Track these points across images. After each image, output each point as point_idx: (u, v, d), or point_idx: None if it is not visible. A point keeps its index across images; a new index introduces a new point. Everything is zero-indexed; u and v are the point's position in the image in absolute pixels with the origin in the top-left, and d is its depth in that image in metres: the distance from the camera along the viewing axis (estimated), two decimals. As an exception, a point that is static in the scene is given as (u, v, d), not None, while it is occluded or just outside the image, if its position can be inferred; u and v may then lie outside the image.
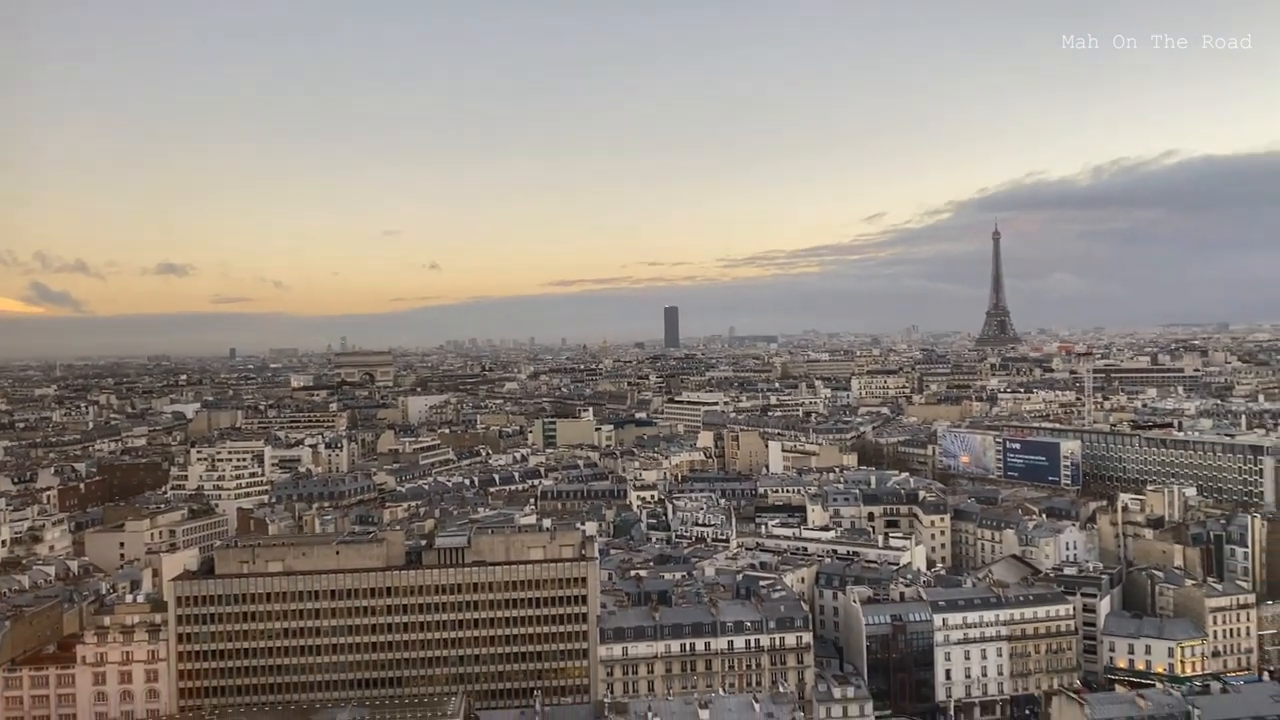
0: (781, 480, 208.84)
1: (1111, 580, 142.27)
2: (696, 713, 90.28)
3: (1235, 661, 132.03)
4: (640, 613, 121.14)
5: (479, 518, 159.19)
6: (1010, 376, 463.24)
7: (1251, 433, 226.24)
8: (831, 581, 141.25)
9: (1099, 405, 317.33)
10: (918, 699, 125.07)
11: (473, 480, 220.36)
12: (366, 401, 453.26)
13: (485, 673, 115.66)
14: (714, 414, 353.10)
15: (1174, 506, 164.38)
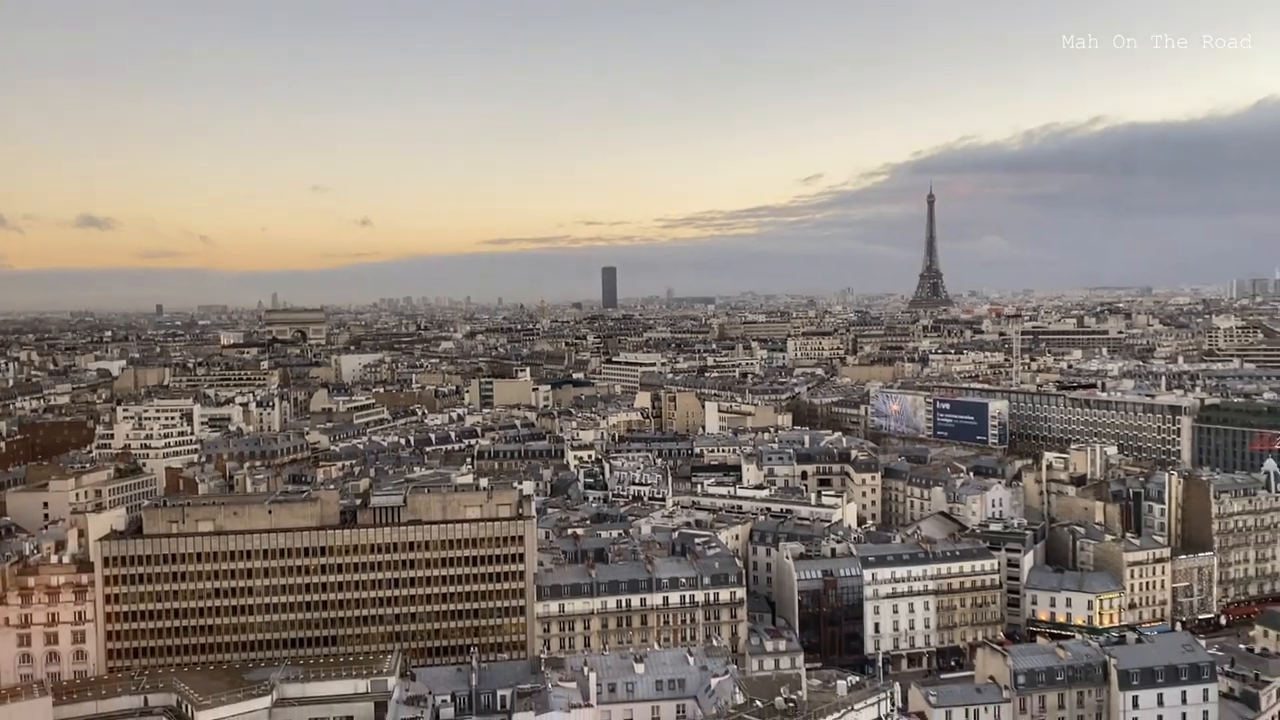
0: (717, 440, 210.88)
1: (1035, 536, 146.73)
2: (632, 666, 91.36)
3: (1150, 613, 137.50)
4: (577, 570, 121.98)
5: (415, 477, 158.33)
6: (941, 338, 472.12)
7: (1170, 393, 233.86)
8: (765, 538, 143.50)
9: (1026, 366, 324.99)
10: (847, 651, 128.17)
11: (408, 440, 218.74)
12: (298, 360, 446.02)
13: (422, 630, 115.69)
14: (651, 375, 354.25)
15: (1096, 465, 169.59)
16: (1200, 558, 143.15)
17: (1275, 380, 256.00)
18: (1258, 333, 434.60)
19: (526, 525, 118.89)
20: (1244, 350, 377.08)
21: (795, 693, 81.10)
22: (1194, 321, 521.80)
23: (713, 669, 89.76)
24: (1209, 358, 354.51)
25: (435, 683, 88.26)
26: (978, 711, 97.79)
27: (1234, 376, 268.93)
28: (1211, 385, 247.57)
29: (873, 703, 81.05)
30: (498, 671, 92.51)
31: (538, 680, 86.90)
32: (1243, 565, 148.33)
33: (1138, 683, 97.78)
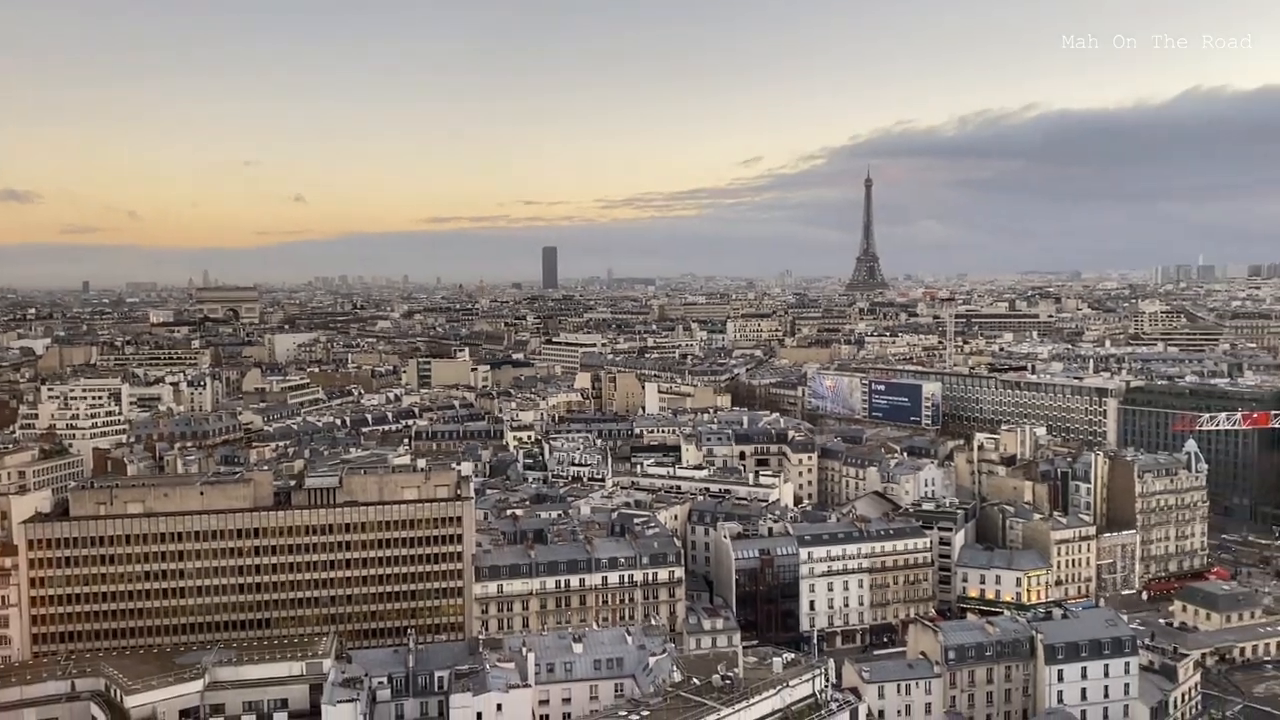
0: (657, 421, 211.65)
1: (966, 515, 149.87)
2: (570, 646, 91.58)
3: (1076, 589, 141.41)
4: (516, 551, 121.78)
5: (351, 458, 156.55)
6: (877, 321, 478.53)
7: (1098, 376, 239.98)
8: (704, 518, 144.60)
9: (959, 349, 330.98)
10: (783, 629, 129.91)
11: (344, 420, 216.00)
12: (231, 339, 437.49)
13: (358, 612, 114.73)
14: (592, 355, 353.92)
15: (1025, 445, 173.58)
16: (1124, 535, 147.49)
17: (1197, 364, 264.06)
18: (1181, 317, 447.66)
19: (465, 506, 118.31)
20: (1168, 334, 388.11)
21: (732, 670, 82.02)
22: (1121, 306, 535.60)
23: (651, 648, 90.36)
24: (1135, 341, 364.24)
25: (372, 664, 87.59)
26: (909, 686, 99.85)
27: (1158, 360, 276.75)
28: (1137, 368, 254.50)
29: (807, 679, 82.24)
30: (435, 653, 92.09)
31: (475, 661, 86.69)
32: (1164, 543, 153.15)
33: (1063, 657, 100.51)
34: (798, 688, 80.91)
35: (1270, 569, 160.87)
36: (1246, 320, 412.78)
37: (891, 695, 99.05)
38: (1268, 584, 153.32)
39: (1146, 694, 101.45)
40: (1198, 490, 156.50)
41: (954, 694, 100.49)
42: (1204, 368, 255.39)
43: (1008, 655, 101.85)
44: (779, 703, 78.84)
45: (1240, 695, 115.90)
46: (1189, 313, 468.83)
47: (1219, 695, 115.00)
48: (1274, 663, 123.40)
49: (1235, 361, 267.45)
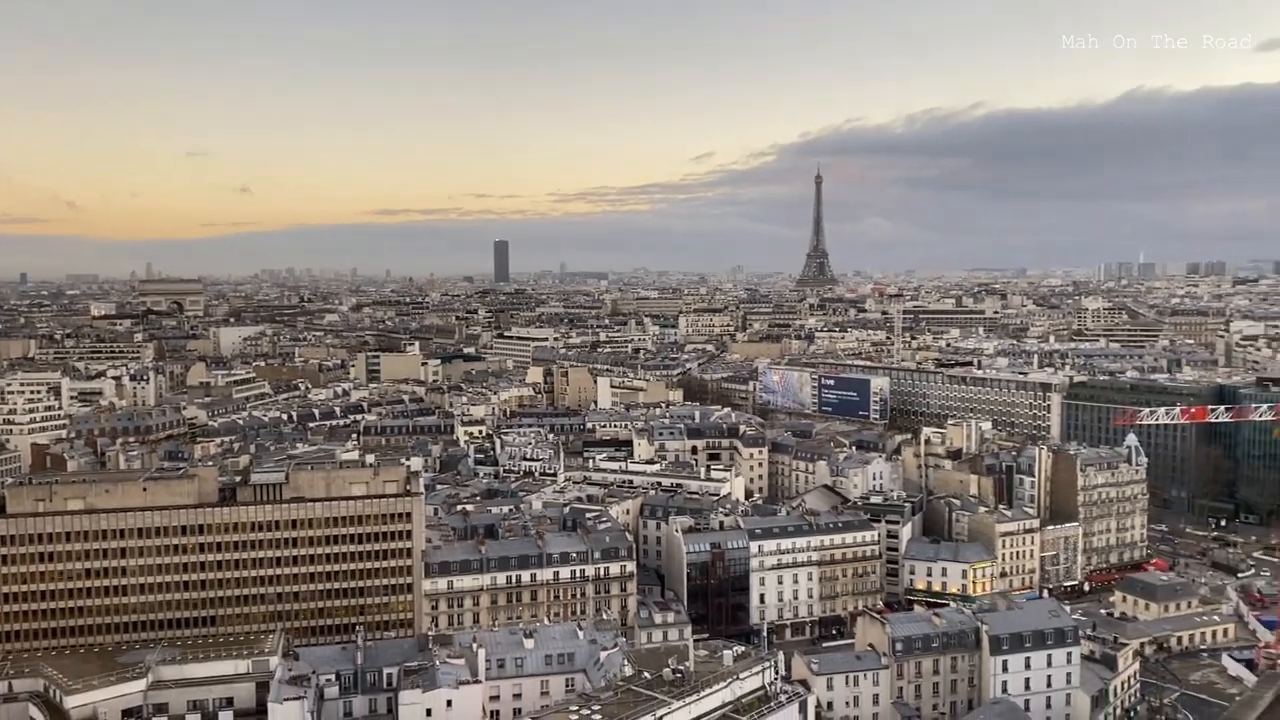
0: (610, 415, 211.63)
1: (913, 508, 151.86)
2: (521, 642, 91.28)
3: (1020, 580, 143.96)
4: (466, 546, 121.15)
5: (298, 453, 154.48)
6: (827, 316, 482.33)
7: (1042, 371, 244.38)
8: (655, 513, 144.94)
9: (907, 344, 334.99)
10: (734, 622, 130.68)
11: (291, 415, 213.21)
12: (175, 332, 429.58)
13: (305, 610, 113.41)
14: (544, 350, 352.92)
15: (971, 439, 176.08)
16: (1067, 528, 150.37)
17: (1138, 359, 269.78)
18: (1123, 314, 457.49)
19: (414, 502, 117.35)
20: (1110, 330, 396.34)
21: (683, 664, 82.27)
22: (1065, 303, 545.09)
23: (602, 642, 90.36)
24: (1078, 337, 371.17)
25: (319, 662, 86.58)
26: (858, 678, 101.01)
27: (1100, 355, 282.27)
28: (1080, 364, 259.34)
29: (757, 672, 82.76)
30: (384, 649, 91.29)
31: (425, 658, 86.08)
32: (1105, 534, 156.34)
33: (1007, 647, 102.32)
34: (747, 680, 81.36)
35: (1207, 560, 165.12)
36: (1185, 317, 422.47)
37: (840, 687, 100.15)
38: (1204, 574, 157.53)
39: (1088, 683, 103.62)
40: (1138, 483, 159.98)
41: (902, 685, 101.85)
42: (1144, 363, 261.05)
43: (954, 646, 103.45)
44: (729, 695, 79.24)
45: (1177, 683, 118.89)
46: (1130, 309, 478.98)
47: (1157, 683, 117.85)
48: (1209, 651, 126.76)
49: (1174, 357, 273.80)
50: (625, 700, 76.13)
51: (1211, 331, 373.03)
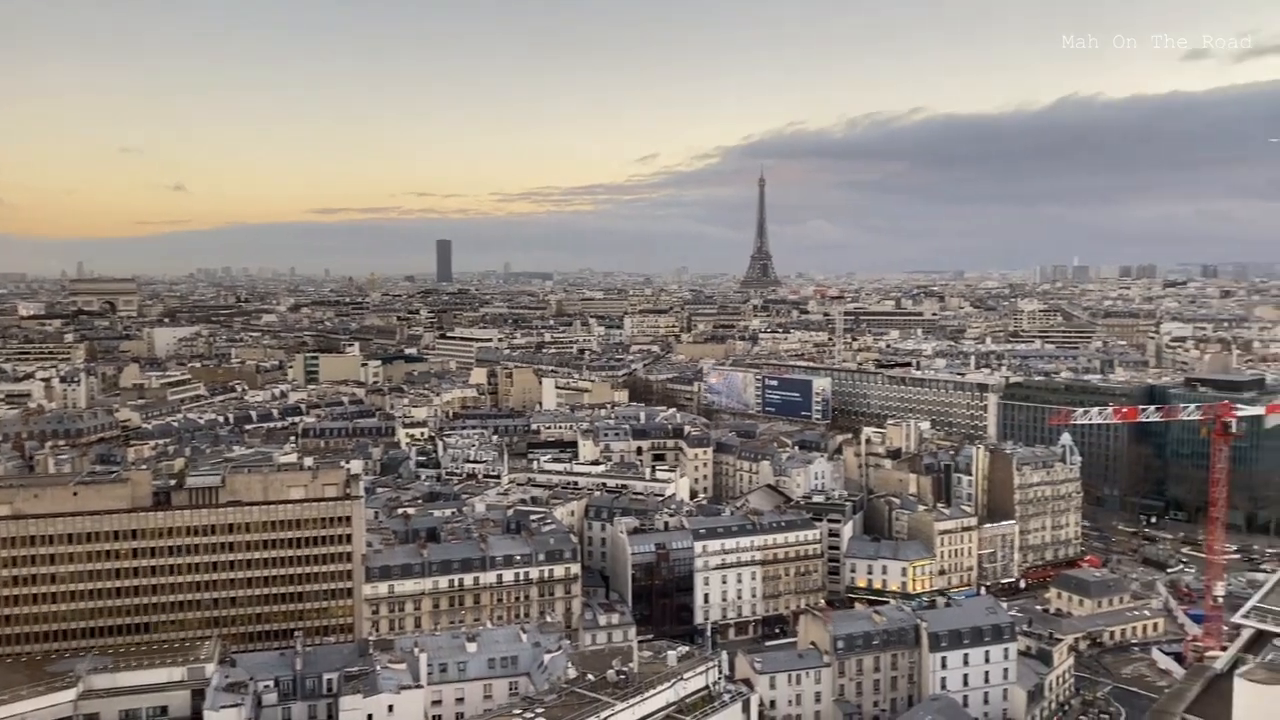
0: (555, 416, 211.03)
1: (855, 507, 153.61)
2: (464, 645, 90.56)
3: (959, 578, 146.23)
4: (408, 550, 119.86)
5: (234, 456, 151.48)
6: (771, 317, 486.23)
7: (979, 372, 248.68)
8: (600, 514, 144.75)
9: (848, 345, 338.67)
10: (678, 622, 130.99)
11: (227, 417, 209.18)
12: (107, 332, 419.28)
13: (242, 615, 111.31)
14: (488, 350, 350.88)
15: (910, 439, 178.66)
16: (1003, 526, 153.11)
17: (1072, 360, 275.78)
18: (1058, 315, 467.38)
19: (354, 505, 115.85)
20: (1045, 332, 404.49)
21: (627, 665, 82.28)
22: (1001, 304, 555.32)
23: (546, 645, 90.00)
24: (1014, 339, 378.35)
25: (257, 668, 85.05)
26: (800, 676, 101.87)
27: (1036, 356, 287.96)
28: (1016, 364, 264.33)
29: (701, 671, 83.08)
30: (324, 655, 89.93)
31: (366, 663, 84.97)
32: (1040, 532, 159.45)
33: (946, 644, 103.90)
34: (691, 681, 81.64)
35: (1138, 556, 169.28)
36: (1117, 319, 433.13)
37: (783, 685, 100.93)
38: (1135, 571, 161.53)
39: (1024, 678, 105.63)
40: (1072, 482, 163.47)
41: (843, 682, 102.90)
42: (1078, 364, 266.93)
43: (894, 644, 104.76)
44: (673, 696, 79.44)
45: (1110, 677, 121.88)
46: (1065, 311, 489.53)
47: (1090, 677, 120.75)
48: (1140, 645, 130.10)
49: (1107, 358, 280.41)
50: (569, 702, 75.95)
51: (1143, 333, 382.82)
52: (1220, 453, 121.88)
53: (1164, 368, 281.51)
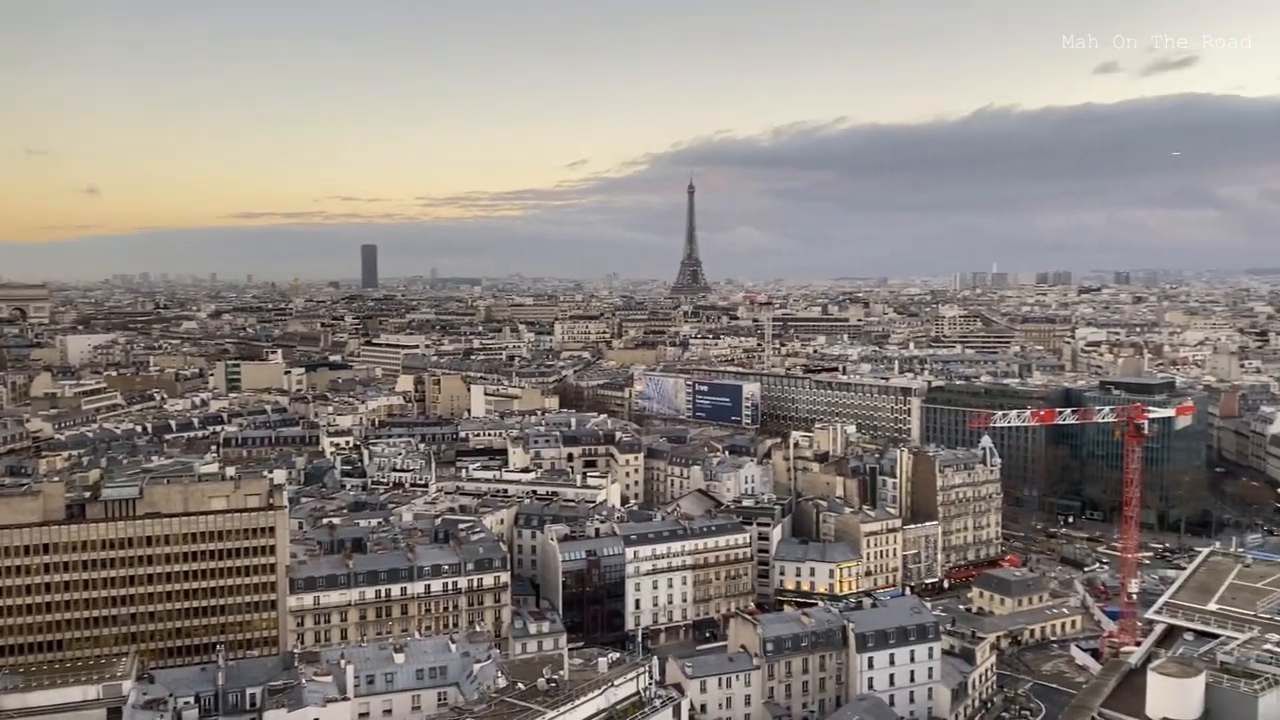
0: (484, 424, 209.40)
1: (783, 510, 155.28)
2: (391, 657, 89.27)
3: (884, 579, 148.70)
4: (333, 561, 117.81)
5: (153, 467, 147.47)
6: (701, 323, 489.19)
7: (903, 376, 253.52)
8: (530, 521, 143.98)
9: (777, 351, 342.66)
10: (610, 628, 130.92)
11: (145, 427, 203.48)
12: (17, 340, 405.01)
13: (162, 630, 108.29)
14: (415, 357, 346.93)
15: (837, 442, 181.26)
16: (927, 526, 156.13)
17: (991, 365, 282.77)
18: (978, 321, 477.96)
19: (277, 516, 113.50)
20: (965, 337, 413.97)
21: (557, 673, 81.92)
22: (924, 310, 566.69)
23: (475, 655, 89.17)
24: (936, 344, 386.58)
25: (177, 684, 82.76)
26: (730, 680, 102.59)
27: (957, 361, 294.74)
28: (938, 369, 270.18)
29: (632, 677, 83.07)
30: (247, 669, 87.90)
31: (291, 676, 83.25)
32: (963, 533, 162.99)
33: (872, 645, 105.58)
34: (622, 687, 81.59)
35: (1056, 555, 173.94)
36: (1034, 325, 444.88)
37: (713, 689, 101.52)
38: (1054, 569, 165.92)
39: (948, 676, 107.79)
40: (992, 483, 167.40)
41: (772, 685, 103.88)
42: (997, 368, 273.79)
43: (822, 645, 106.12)
44: (604, 703, 79.31)
45: (1030, 674, 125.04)
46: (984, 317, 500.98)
47: (1012, 674, 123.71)
48: (1059, 642, 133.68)
49: (1025, 362, 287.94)
50: (498, 712, 75.39)
51: (1059, 338, 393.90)
52: (1133, 453, 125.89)
53: (1080, 371, 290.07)
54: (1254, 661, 65.82)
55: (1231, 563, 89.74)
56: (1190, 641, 73.29)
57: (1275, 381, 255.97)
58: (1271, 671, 64.63)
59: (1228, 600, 78.81)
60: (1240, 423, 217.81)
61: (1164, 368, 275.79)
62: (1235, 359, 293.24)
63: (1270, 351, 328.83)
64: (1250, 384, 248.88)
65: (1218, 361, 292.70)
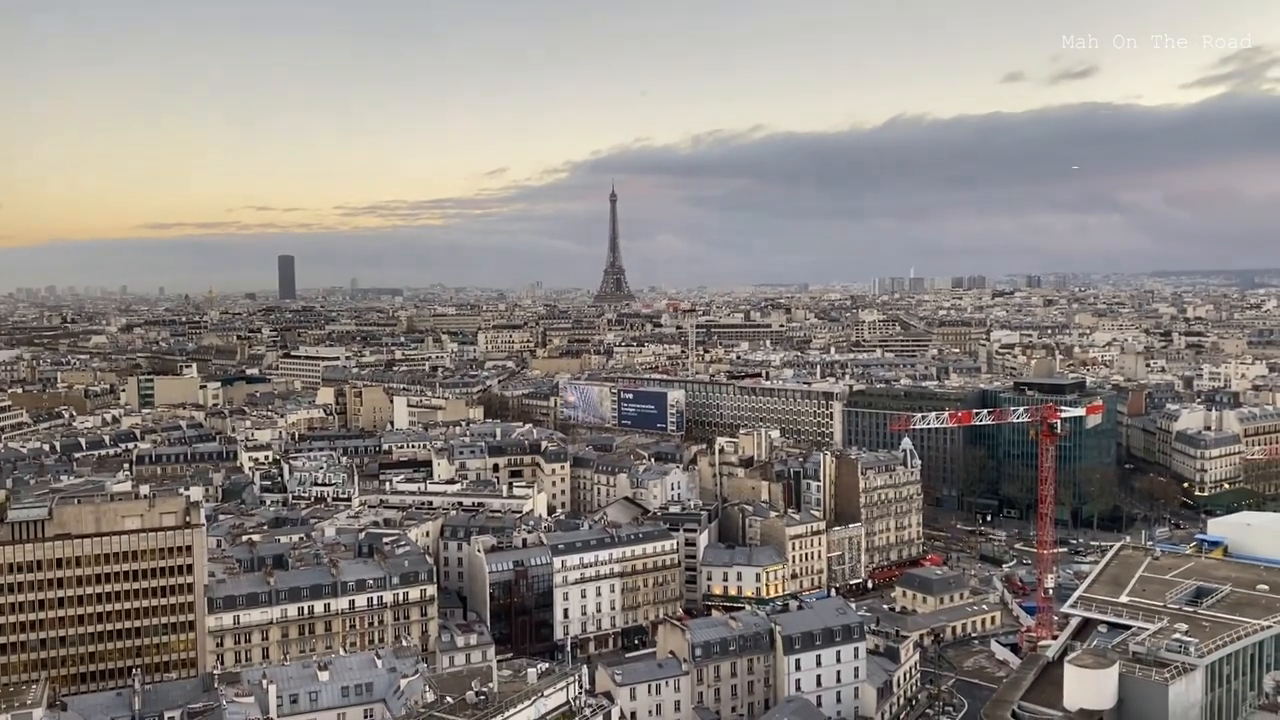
0: (407, 435, 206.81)
1: (710, 515, 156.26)
2: (315, 675, 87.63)
3: (810, 581, 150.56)
4: (254, 579, 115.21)
5: (62, 487, 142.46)
6: (625, 331, 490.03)
7: (824, 381, 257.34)
8: (457, 533, 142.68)
9: (701, 357, 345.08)
10: (538, 639, 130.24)
11: (54, 445, 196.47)
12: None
13: (74, 655, 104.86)
14: (335, 369, 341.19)
15: (762, 447, 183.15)
16: (851, 528, 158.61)
17: (910, 368, 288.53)
18: (896, 325, 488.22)
19: (195, 534, 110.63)
20: (885, 341, 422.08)
21: (486, 685, 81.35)
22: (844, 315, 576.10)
23: (402, 670, 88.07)
24: (856, 348, 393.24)
25: (92, 710, 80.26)
26: (660, 685, 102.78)
27: (877, 365, 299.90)
28: (859, 373, 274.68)
29: (561, 687, 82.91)
30: (165, 692, 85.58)
31: (211, 698, 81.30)
32: (885, 534, 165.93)
33: (799, 646, 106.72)
34: (552, 697, 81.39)
35: (975, 553, 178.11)
36: (951, 328, 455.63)
37: (643, 696, 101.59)
38: (974, 567, 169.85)
39: (874, 675, 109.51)
40: (913, 484, 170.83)
41: (702, 689, 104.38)
42: (916, 371, 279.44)
43: (750, 648, 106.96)
44: (534, 714, 79.02)
45: (953, 670, 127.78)
46: (903, 321, 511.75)
47: (935, 671, 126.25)
48: (980, 638, 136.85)
49: (942, 365, 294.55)
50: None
51: (975, 340, 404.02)
52: (1047, 452, 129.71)
53: (995, 373, 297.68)
54: (1164, 651, 68.41)
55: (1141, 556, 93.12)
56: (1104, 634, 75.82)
57: (1179, 380, 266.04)
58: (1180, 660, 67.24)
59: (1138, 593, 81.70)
60: (1148, 420, 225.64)
61: (1075, 368, 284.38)
62: (1141, 359, 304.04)
63: (1174, 351, 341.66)
64: (1156, 383, 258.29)
65: (1125, 361, 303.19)
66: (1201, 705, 67.43)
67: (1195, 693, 66.85)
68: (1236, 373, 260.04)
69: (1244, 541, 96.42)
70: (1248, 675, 71.23)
